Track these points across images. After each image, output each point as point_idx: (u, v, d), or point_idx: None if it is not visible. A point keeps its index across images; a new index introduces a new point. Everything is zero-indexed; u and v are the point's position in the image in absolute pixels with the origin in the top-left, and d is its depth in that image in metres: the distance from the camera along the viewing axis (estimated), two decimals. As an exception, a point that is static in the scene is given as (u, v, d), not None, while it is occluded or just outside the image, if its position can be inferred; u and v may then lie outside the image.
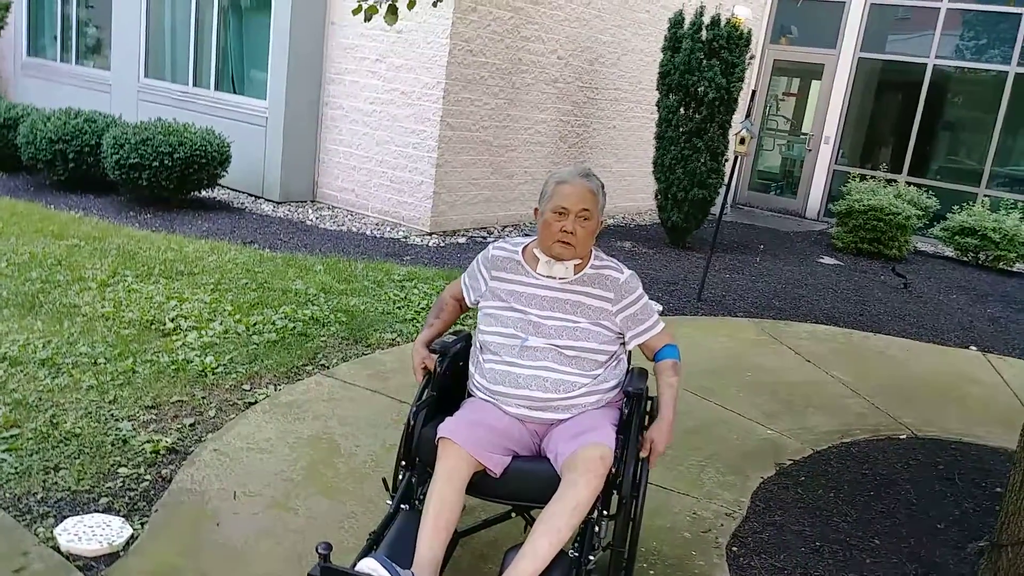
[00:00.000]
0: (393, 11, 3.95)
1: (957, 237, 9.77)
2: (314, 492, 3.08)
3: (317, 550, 1.99)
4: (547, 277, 2.57)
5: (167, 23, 9.33)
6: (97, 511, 2.79)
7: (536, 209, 2.60)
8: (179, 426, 3.46)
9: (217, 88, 8.81)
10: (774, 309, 6.60)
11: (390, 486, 2.53)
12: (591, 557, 2.26)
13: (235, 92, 8.72)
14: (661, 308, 6.10)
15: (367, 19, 3.95)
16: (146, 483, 3.02)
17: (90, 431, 3.31)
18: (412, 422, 2.45)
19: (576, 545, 2.28)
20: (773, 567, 2.94)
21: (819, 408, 4.55)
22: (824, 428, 4.29)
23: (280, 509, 2.94)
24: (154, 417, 3.52)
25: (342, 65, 8.15)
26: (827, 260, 9.11)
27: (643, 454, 2.42)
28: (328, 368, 4.28)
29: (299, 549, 2.72)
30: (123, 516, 2.78)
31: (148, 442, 3.28)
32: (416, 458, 2.48)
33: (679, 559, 2.92)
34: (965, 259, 9.99)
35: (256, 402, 3.78)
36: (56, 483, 2.94)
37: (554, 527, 2.15)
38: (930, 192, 10.68)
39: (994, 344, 6.36)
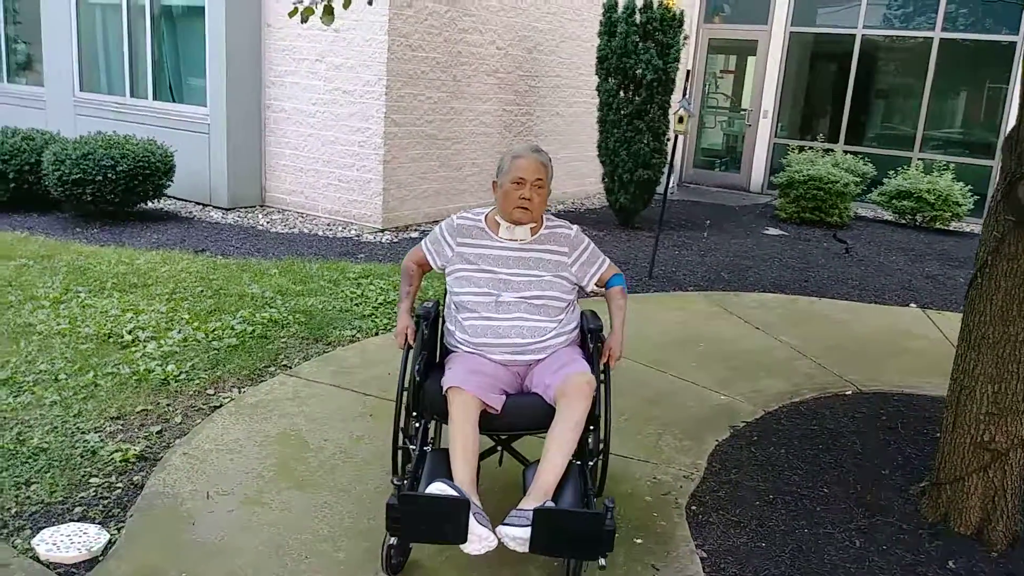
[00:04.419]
0: (329, 11, 3.99)
1: (894, 201, 10.10)
2: (286, 486, 3.16)
3: (392, 481, 2.49)
4: (509, 240, 2.98)
5: (99, 35, 9.21)
6: (72, 520, 2.84)
7: (495, 183, 3.00)
8: (146, 434, 3.51)
9: (155, 97, 8.73)
10: (723, 281, 6.80)
11: (400, 438, 2.92)
12: (590, 463, 2.74)
13: (174, 100, 8.65)
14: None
15: (303, 20, 3.99)
16: (119, 490, 3.06)
17: (58, 445, 3.34)
18: (418, 378, 2.84)
19: (576, 454, 2.70)
20: (730, 521, 3.10)
21: (769, 372, 4.74)
22: (775, 390, 4.47)
23: (254, 505, 3.01)
24: (120, 427, 3.56)
25: (281, 67, 8.14)
26: (772, 231, 9.36)
27: (603, 360, 2.92)
28: (291, 368, 4.34)
29: (276, 540, 2.80)
30: (99, 523, 2.83)
31: (117, 451, 3.32)
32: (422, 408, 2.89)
33: (641, 521, 3.06)
34: (903, 221, 10.33)
35: (221, 405, 3.84)
36: (29, 497, 2.97)
37: (564, 441, 2.60)
38: (866, 159, 11.01)
39: (933, 300, 6.64)
